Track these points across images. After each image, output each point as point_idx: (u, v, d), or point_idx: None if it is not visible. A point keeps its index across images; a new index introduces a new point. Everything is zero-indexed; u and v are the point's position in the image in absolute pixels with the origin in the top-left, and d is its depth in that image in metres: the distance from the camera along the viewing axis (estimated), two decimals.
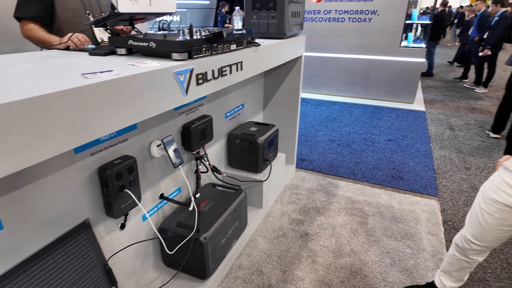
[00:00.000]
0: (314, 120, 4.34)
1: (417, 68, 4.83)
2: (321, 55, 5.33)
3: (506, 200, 1.15)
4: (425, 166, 3.04)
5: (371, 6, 4.73)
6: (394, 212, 2.34)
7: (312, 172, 2.95)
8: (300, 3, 2.20)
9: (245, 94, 2.35)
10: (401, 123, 4.22)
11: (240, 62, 1.50)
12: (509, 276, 1.78)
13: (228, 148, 2.22)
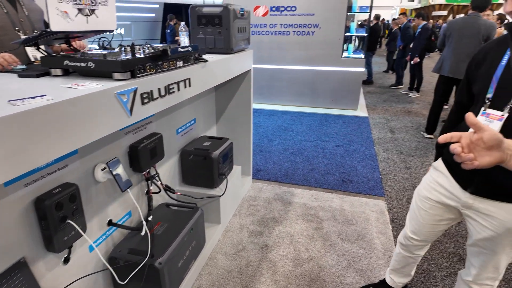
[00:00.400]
0: (267, 130, 4.42)
1: (358, 77, 5.20)
2: (270, 67, 5.49)
3: (437, 198, 1.27)
4: (371, 169, 3.26)
5: (313, 20, 5.01)
6: (347, 215, 2.45)
7: (268, 182, 2.99)
8: (245, 19, 2.26)
9: (196, 108, 2.32)
10: (347, 129, 4.48)
11: (187, 78, 1.49)
12: (449, 265, 1.96)
13: (181, 165, 2.17)
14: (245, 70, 2.40)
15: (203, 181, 2.15)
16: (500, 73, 1.03)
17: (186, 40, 2.00)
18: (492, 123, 1.02)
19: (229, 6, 1.95)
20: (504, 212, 1.09)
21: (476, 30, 3.53)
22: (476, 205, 1.15)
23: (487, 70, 1.07)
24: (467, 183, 1.15)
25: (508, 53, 1.02)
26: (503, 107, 1.00)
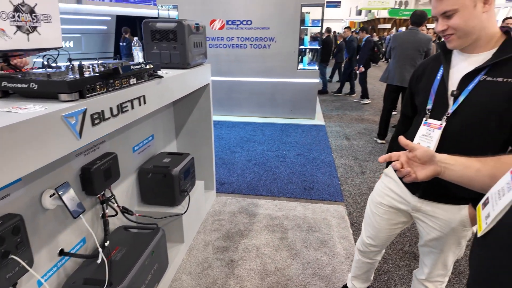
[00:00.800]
0: (230, 142, 4.42)
1: (314, 87, 5.41)
2: (230, 79, 5.53)
3: (389, 203, 1.35)
4: (330, 175, 3.38)
5: (269, 33, 5.15)
6: (310, 223, 2.51)
7: (232, 194, 2.97)
8: (201, 33, 2.26)
9: (154, 124, 2.26)
10: (306, 137, 4.62)
11: (142, 96, 1.45)
12: (406, 264, 2.08)
13: (139, 185, 2.08)
14: (203, 84, 2.39)
15: (163, 200, 2.08)
16: (436, 86, 1.14)
17: (140, 55, 1.96)
18: (433, 132, 1.12)
19: (184, 22, 1.95)
20: (448, 213, 1.19)
21: (417, 43, 3.89)
22: (424, 208, 1.24)
23: (426, 84, 1.18)
24: (415, 188, 1.24)
25: (442, 68, 1.14)
26: (441, 117, 1.10)
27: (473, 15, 0.96)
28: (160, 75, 1.60)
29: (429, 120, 1.14)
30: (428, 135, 1.13)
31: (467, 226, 1.18)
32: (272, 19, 5.06)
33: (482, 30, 0.99)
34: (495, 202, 0.62)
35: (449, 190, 1.14)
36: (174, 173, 2.02)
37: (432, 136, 1.11)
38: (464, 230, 1.20)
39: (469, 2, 0.95)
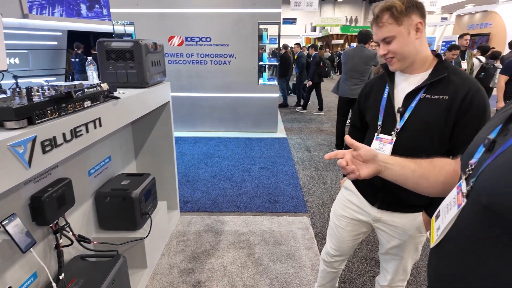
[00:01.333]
0: (193, 158, 4.36)
1: (275, 102, 5.56)
2: (191, 95, 5.50)
3: (351, 215, 1.42)
4: (294, 187, 3.46)
5: (228, 50, 5.24)
6: (276, 236, 2.54)
7: (197, 213, 2.92)
8: (159, 52, 2.25)
9: (111, 145, 2.17)
10: (269, 151, 4.71)
11: (97, 118, 1.40)
12: (368, 270, 2.17)
13: (97, 210, 1.97)
14: (162, 102, 2.36)
15: (123, 224, 1.99)
16: (384, 104, 1.25)
17: (94, 75, 1.90)
18: (385, 146, 1.22)
19: (140, 41, 1.93)
20: (405, 221, 1.28)
21: (364, 58, 4.22)
22: (384, 218, 1.32)
23: (374, 102, 1.29)
24: (374, 199, 1.32)
25: (387, 87, 1.25)
26: (391, 132, 1.21)
27: (408, 41, 1.10)
28: (116, 96, 1.56)
29: (380, 135, 1.24)
30: (381, 149, 1.22)
31: (422, 232, 1.28)
32: (231, 36, 5.17)
33: (416, 54, 1.13)
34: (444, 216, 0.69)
35: (404, 200, 1.24)
36: (134, 195, 1.95)
37: (385, 150, 1.21)
38: (420, 236, 1.30)
39: (404, 30, 1.08)
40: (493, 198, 0.54)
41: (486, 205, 0.55)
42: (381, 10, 1.10)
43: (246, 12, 5.05)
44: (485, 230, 0.56)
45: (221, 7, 5.07)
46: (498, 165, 0.56)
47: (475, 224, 0.58)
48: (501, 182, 0.53)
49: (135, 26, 5.13)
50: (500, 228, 0.53)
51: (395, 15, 1.07)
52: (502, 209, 0.52)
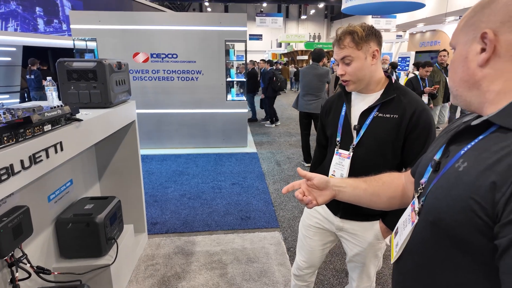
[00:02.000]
0: (161, 176, 4.24)
1: (244, 117, 5.61)
2: (158, 111, 5.40)
3: (318, 224, 1.48)
4: (265, 202, 3.48)
5: (196, 66, 5.25)
6: (248, 254, 2.52)
7: (166, 235, 2.82)
8: (123, 71, 2.20)
9: (72, 168, 2.07)
10: (240, 166, 4.71)
11: (58, 142, 1.34)
12: (339, 282, 2.22)
13: (58, 238, 1.85)
14: (128, 122, 2.30)
15: (87, 251, 1.88)
16: (342, 121, 1.34)
17: (54, 96, 1.82)
18: (344, 161, 1.31)
19: (104, 61, 1.88)
20: (364, 229, 1.37)
21: (318, 76, 4.50)
22: (346, 227, 1.39)
23: (334, 119, 1.38)
24: (336, 209, 1.40)
25: (345, 105, 1.35)
26: (348, 148, 1.30)
27: (364, 66, 1.21)
28: (79, 119, 1.50)
29: (339, 150, 1.33)
30: (340, 163, 1.31)
31: (380, 239, 1.37)
32: (198, 53, 5.18)
33: (370, 77, 1.25)
34: (401, 232, 0.74)
35: (363, 209, 1.30)
36: (99, 220, 1.86)
37: (344, 164, 1.30)
38: (379, 242, 1.38)
39: (362, 55, 1.20)
40: (438, 216, 0.60)
41: (433, 221, 0.62)
42: (343, 33, 1.20)
43: (213, 30, 5.12)
44: (435, 245, 0.62)
45: (187, 24, 5.10)
46: (440, 185, 0.62)
47: (427, 239, 0.64)
48: (443, 201, 0.59)
49: (97, 42, 4.99)
50: (448, 242, 0.59)
51: (356, 40, 1.18)
52: (445, 225, 0.58)
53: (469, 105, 0.63)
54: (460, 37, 0.62)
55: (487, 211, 0.51)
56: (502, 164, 0.51)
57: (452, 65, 0.64)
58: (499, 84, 0.57)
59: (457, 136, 0.65)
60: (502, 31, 0.55)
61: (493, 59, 0.57)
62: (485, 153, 0.55)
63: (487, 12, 0.57)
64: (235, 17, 5.23)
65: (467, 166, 0.57)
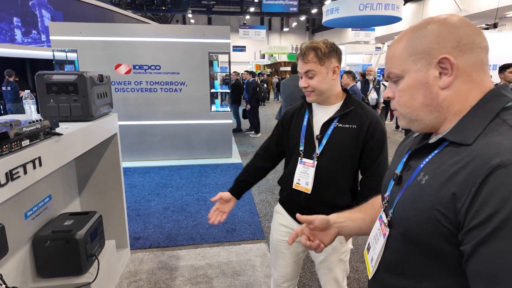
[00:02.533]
0: (144, 190, 4.16)
1: (228, 127, 5.62)
2: (140, 123, 5.33)
3: (286, 237, 1.48)
4: (251, 213, 3.46)
5: (179, 78, 5.24)
6: (234, 267, 2.49)
7: (150, 249, 2.76)
8: (105, 84, 2.18)
9: (51, 182, 2.00)
10: (225, 177, 4.69)
11: (37, 158, 1.30)
12: None
13: (35, 256, 1.78)
14: (109, 135, 2.26)
15: (67, 269, 1.81)
16: (304, 131, 1.39)
17: (32, 109, 1.78)
18: (308, 169, 1.35)
19: (85, 74, 1.86)
20: None
21: (298, 87, 4.54)
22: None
23: (296, 129, 1.43)
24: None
25: (306, 115, 1.40)
26: (312, 156, 1.35)
27: (325, 80, 1.29)
28: (58, 133, 1.47)
29: (303, 159, 1.38)
30: (305, 172, 1.36)
31: (343, 242, 1.42)
32: (181, 64, 5.18)
33: (331, 91, 1.33)
34: (374, 247, 0.77)
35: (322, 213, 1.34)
36: (79, 236, 1.80)
37: (308, 173, 1.35)
38: (342, 246, 1.43)
39: (324, 70, 1.28)
40: (407, 227, 0.64)
41: (403, 233, 0.66)
42: (307, 48, 1.28)
43: (196, 42, 5.15)
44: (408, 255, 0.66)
45: (170, 36, 5.11)
46: (406, 197, 0.66)
47: (400, 250, 0.67)
48: (410, 212, 0.64)
49: (78, 54, 4.91)
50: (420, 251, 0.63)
51: (319, 56, 1.25)
52: (415, 235, 0.62)
53: (426, 128, 0.68)
54: (408, 66, 0.65)
55: (450, 220, 0.56)
56: (459, 177, 0.55)
57: (408, 92, 0.66)
58: (458, 104, 0.62)
59: (415, 152, 0.70)
60: (455, 55, 0.60)
61: (453, 81, 0.62)
62: (443, 166, 0.60)
63: (433, 39, 0.62)
64: (219, 29, 5.29)
65: (428, 179, 0.61)
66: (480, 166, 0.53)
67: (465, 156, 0.56)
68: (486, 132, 0.57)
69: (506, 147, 0.52)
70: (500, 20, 13.00)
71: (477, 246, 0.51)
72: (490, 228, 0.49)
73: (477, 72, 0.62)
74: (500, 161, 0.51)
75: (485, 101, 0.61)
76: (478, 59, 0.61)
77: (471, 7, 12.92)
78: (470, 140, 0.58)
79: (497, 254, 0.49)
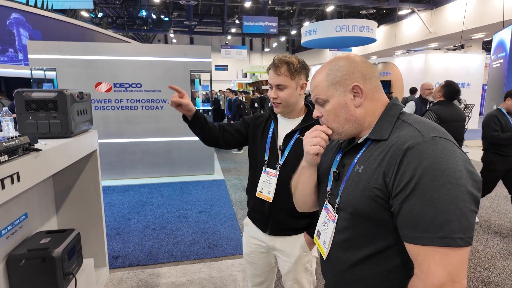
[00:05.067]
0: (123, 208, 4.09)
1: None
2: (120, 141, 5.28)
3: (255, 248, 1.54)
4: (233, 229, 3.47)
5: (161, 95, 5.28)
6: (216, 283, 2.48)
7: (129, 268, 2.71)
8: (85, 101, 2.20)
9: (27, 200, 1.97)
10: (207, 193, 4.68)
11: (15, 173, 1.30)
12: None
13: (9, 276, 1.72)
14: (89, 151, 2.26)
15: None
16: (269, 141, 1.47)
17: (10, 127, 1.77)
18: (271, 179, 1.42)
19: (65, 91, 1.88)
20: (292, 243, 1.46)
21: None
22: (277, 245, 1.48)
23: (262, 139, 1.50)
24: (265, 226, 1.48)
25: (272, 127, 1.49)
26: (275, 166, 1.42)
27: (294, 94, 1.38)
28: (37, 149, 1.48)
29: (267, 169, 1.45)
30: (268, 181, 1.43)
31: (307, 250, 1.47)
32: (163, 82, 5.24)
33: (296, 104, 1.42)
34: (324, 232, 0.93)
35: (289, 224, 1.45)
36: (55, 254, 1.76)
37: (271, 182, 1.42)
38: (306, 255, 1.48)
39: (294, 84, 1.36)
40: (355, 206, 0.82)
41: (352, 212, 0.84)
42: (281, 61, 1.35)
43: (178, 61, 5.24)
44: (357, 228, 0.84)
45: (151, 55, 5.18)
46: (348, 185, 0.85)
47: (349, 226, 0.85)
48: (355, 194, 0.82)
49: (57, 72, 4.89)
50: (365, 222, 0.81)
51: (291, 71, 1.34)
52: (362, 211, 0.81)
53: (350, 136, 0.89)
54: (330, 93, 0.86)
55: (384, 192, 0.76)
56: (385, 160, 0.77)
57: (333, 113, 0.87)
58: (369, 116, 0.86)
59: (347, 152, 0.91)
60: (362, 83, 0.85)
61: (364, 101, 0.85)
62: (371, 157, 0.81)
63: (345, 73, 0.85)
64: (200, 49, 5.42)
65: (364, 168, 0.82)
66: (397, 151, 0.75)
67: (385, 147, 0.78)
68: (394, 129, 0.81)
69: (410, 136, 0.75)
70: (466, 42, 13.96)
71: (401, 204, 0.72)
72: (408, 190, 0.70)
73: (377, 93, 0.87)
74: (408, 145, 0.73)
75: (388, 110, 0.86)
76: (376, 84, 0.87)
77: (439, 29, 13.81)
78: (386, 136, 0.81)
79: (414, 207, 0.70)
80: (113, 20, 17.48)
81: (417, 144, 0.72)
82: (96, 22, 15.38)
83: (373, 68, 0.87)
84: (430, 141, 0.72)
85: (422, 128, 0.77)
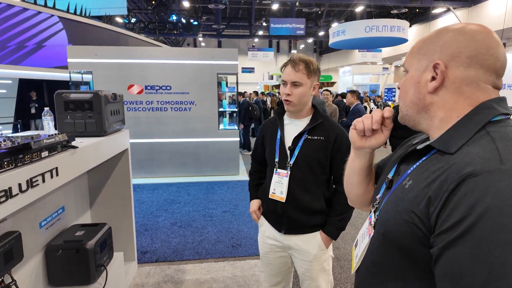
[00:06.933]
0: (152, 205, 4.24)
1: (235, 145, 5.73)
2: (150, 141, 5.48)
3: (271, 248, 1.55)
4: (256, 229, 3.46)
5: (189, 97, 5.43)
6: (239, 281, 2.51)
7: (156, 263, 2.80)
8: (118, 102, 2.32)
9: (65, 194, 2.11)
10: (232, 194, 4.74)
11: (54, 168, 1.41)
12: None
13: (47, 264, 1.86)
14: (121, 150, 2.38)
15: (76, 278, 1.88)
16: (278, 143, 1.48)
17: (51, 125, 1.91)
18: (283, 179, 1.44)
19: (100, 93, 2.00)
20: (308, 241, 1.45)
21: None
22: (292, 244, 1.48)
23: (271, 142, 1.52)
24: (280, 225, 1.49)
25: (279, 130, 1.49)
26: (286, 167, 1.43)
27: (307, 93, 1.39)
28: (74, 146, 1.59)
29: (278, 170, 1.46)
30: (280, 181, 1.45)
31: (323, 249, 1.46)
32: (191, 84, 5.39)
33: (306, 104, 1.44)
34: (360, 245, 0.81)
35: (304, 222, 1.45)
36: (89, 246, 1.87)
37: (283, 183, 1.44)
38: (323, 253, 1.46)
39: (309, 83, 1.39)
40: (387, 228, 0.67)
41: (383, 233, 0.68)
42: (300, 59, 1.38)
43: (205, 64, 5.37)
44: (386, 255, 0.69)
45: (180, 59, 5.35)
46: (390, 200, 0.69)
47: (379, 250, 0.71)
48: (391, 214, 0.66)
49: (93, 75, 5.17)
50: (397, 252, 0.65)
51: (309, 69, 1.36)
52: (393, 236, 0.65)
53: (417, 125, 0.71)
54: (413, 62, 0.68)
55: (424, 223, 0.58)
56: (436, 182, 0.58)
57: (404, 86, 0.70)
58: (443, 112, 0.65)
59: (406, 157, 0.73)
60: (451, 65, 0.62)
61: (441, 89, 0.63)
62: (426, 172, 0.62)
63: (440, 43, 0.64)
64: (227, 52, 5.52)
65: (411, 183, 0.64)
66: (453, 174, 0.55)
67: (445, 164, 0.58)
68: (470, 142, 0.58)
69: (480, 157, 0.54)
70: (507, 41, 13.12)
71: (444, 250, 0.53)
72: (456, 234, 0.52)
73: (469, 86, 0.62)
74: (472, 170, 0.53)
75: (474, 113, 0.61)
76: (473, 75, 0.61)
77: None
78: (453, 149, 0.59)
79: (460, 257, 0.51)
80: (145, 25, 18.21)
81: (486, 171, 0.52)
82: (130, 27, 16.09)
83: (489, 55, 0.60)
84: (509, 172, 0.51)
85: (506, 149, 0.54)
